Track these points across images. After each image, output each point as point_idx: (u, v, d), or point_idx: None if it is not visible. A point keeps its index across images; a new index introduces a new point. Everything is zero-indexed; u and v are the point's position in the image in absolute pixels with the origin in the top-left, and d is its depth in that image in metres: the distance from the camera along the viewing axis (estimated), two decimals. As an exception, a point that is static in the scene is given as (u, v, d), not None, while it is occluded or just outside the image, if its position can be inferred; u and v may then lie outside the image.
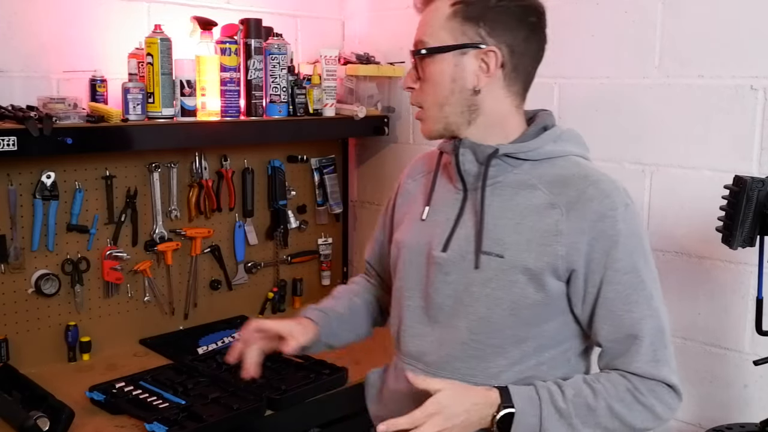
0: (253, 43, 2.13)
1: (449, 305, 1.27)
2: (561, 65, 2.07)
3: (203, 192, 2.24)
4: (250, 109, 2.16)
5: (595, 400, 1.19)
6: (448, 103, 1.25)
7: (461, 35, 1.22)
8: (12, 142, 1.62)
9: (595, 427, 1.20)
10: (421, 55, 1.25)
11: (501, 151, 1.25)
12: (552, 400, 1.18)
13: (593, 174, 1.24)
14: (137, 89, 1.90)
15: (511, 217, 1.24)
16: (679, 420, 1.93)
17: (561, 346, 1.27)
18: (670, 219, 1.90)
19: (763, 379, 1.77)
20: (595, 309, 1.22)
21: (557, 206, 1.21)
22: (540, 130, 1.29)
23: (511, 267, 1.22)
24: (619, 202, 1.21)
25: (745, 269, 1.77)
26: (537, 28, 1.27)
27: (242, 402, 1.76)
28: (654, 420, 1.22)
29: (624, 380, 1.21)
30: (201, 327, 2.28)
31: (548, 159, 1.26)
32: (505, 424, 1.17)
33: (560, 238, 1.20)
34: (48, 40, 1.92)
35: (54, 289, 1.96)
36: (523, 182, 1.25)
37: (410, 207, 1.40)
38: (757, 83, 1.72)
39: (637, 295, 1.21)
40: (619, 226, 1.20)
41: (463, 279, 1.26)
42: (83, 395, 1.75)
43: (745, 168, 1.74)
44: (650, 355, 1.21)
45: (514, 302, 1.22)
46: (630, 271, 1.20)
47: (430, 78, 1.25)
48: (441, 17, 1.23)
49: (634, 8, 1.91)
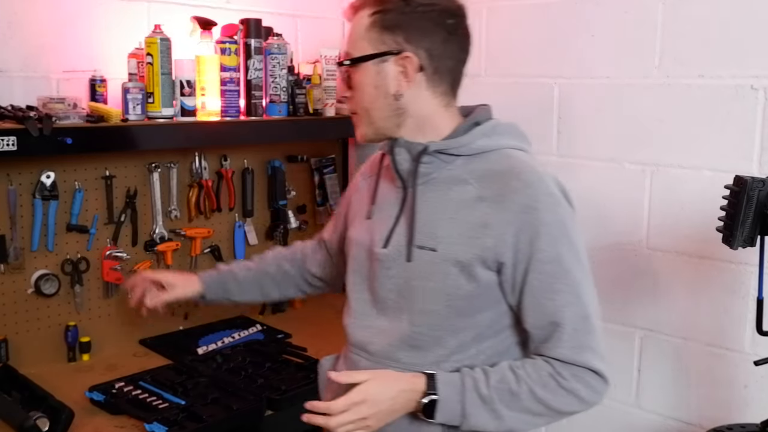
0: (253, 43, 2.13)
1: (392, 298, 1.34)
2: (561, 65, 2.07)
3: (203, 192, 2.24)
4: (250, 109, 2.15)
5: (518, 386, 1.24)
6: (375, 109, 1.32)
7: (380, 44, 1.28)
8: (12, 142, 1.62)
9: (519, 411, 1.25)
10: (345, 65, 1.33)
11: (431, 148, 1.30)
12: (476, 387, 1.24)
13: (519, 166, 1.28)
14: (137, 89, 1.90)
15: (445, 212, 1.29)
16: (679, 420, 1.93)
17: (498, 336, 1.32)
18: (670, 219, 1.90)
19: (764, 380, 1.77)
20: (522, 297, 1.27)
21: (485, 199, 1.26)
22: (471, 126, 1.33)
23: (443, 260, 1.27)
24: (542, 192, 1.25)
25: (746, 269, 1.77)
26: (455, 30, 1.31)
27: (242, 402, 1.76)
28: (580, 404, 1.26)
29: (547, 366, 1.26)
30: (201, 327, 2.28)
31: (481, 153, 1.31)
32: (430, 410, 1.24)
33: (488, 231, 1.25)
34: (48, 40, 1.91)
35: (54, 289, 1.96)
36: (456, 178, 1.30)
37: (360, 206, 1.47)
38: (757, 83, 1.72)
39: (560, 284, 1.25)
40: (542, 216, 1.24)
41: (402, 273, 1.32)
42: (83, 395, 1.75)
43: (745, 168, 1.74)
44: (573, 341, 1.25)
45: (449, 294, 1.28)
46: (553, 260, 1.24)
47: (356, 86, 1.32)
48: (362, 28, 1.30)
49: (634, 8, 1.91)
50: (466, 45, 1.34)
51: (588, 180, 2.04)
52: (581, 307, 1.26)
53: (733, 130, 1.77)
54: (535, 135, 2.13)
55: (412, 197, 1.32)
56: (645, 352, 1.99)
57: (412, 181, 1.32)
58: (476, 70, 2.27)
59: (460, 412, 1.24)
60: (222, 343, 2.16)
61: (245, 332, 2.26)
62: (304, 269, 1.69)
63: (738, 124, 1.76)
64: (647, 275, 1.96)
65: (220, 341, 2.17)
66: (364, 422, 1.24)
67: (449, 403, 1.24)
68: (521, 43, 2.16)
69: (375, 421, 1.25)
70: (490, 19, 2.23)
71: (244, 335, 2.24)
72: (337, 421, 1.23)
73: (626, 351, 2.01)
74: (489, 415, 1.24)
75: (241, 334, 2.24)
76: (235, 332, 2.24)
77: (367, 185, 1.48)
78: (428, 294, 1.30)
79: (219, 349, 2.12)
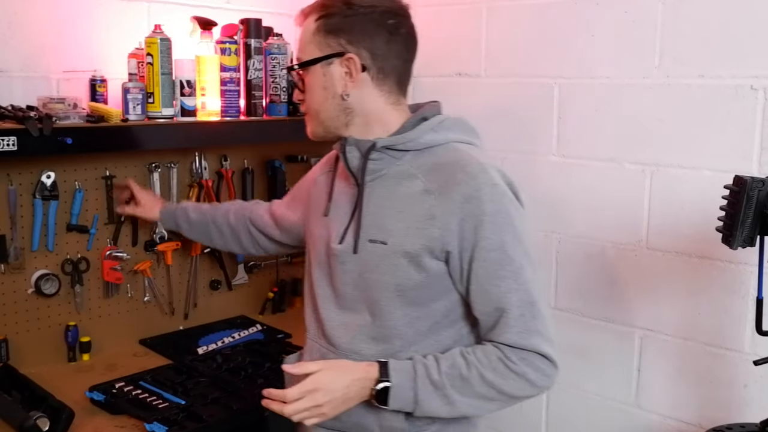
0: (253, 43, 2.13)
1: (349, 292, 1.40)
2: (561, 65, 2.07)
3: (203, 192, 2.24)
4: (250, 109, 2.15)
5: (468, 371, 1.29)
6: (323, 109, 1.39)
7: (326, 47, 1.35)
8: (12, 142, 1.62)
9: (471, 396, 1.30)
10: (294, 70, 1.40)
11: (379, 144, 1.35)
12: (427, 374, 1.29)
13: (463, 159, 1.33)
14: (137, 89, 1.90)
15: (394, 206, 1.35)
16: (679, 420, 1.93)
17: (455, 326, 1.38)
18: (670, 219, 1.90)
19: (764, 379, 1.77)
20: (469, 285, 1.32)
21: (431, 192, 1.31)
22: (418, 121, 1.38)
23: (393, 252, 1.33)
24: (484, 183, 1.29)
25: (745, 269, 1.77)
26: (397, 30, 1.36)
27: (242, 402, 1.76)
28: (530, 387, 1.31)
29: (497, 350, 1.30)
30: (201, 327, 2.28)
31: (429, 148, 1.36)
32: (383, 397, 1.30)
33: (434, 221, 1.30)
34: (48, 40, 1.91)
35: (54, 289, 1.96)
36: (405, 172, 1.35)
37: (317, 202, 1.52)
38: (757, 83, 1.72)
39: (504, 271, 1.29)
40: (485, 206, 1.28)
41: (357, 267, 1.37)
42: (83, 395, 1.75)
43: (745, 168, 1.74)
44: (520, 326, 1.29)
45: (399, 284, 1.34)
46: (497, 248, 1.29)
47: (307, 89, 1.40)
48: (309, 33, 1.37)
49: (634, 8, 1.91)
50: (410, 44, 1.40)
51: (588, 180, 2.05)
52: (526, 293, 1.30)
53: (733, 130, 1.77)
54: (535, 135, 2.16)
55: (362, 193, 1.38)
56: (645, 352, 1.99)
57: (362, 177, 1.38)
58: (476, 70, 2.27)
59: (412, 399, 1.29)
60: (222, 343, 2.17)
61: (245, 332, 2.26)
62: (248, 225, 1.83)
63: (738, 124, 1.76)
64: (647, 275, 1.96)
65: (220, 341, 2.17)
66: (318, 410, 1.30)
67: (402, 390, 1.29)
68: (521, 43, 2.16)
69: (329, 409, 1.30)
70: (490, 19, 2.23)
71: (244, 335, 2.24)
72: (292, 408, 1.29)
73: (626, 351, 2.02)
74: (441, 400, 1.29)
75: (241, 334, 2.24)
76: (235, 332, 2.25)
77: (324, 181, 1.53)
78: (381, 286, 1.35)
79: (219, 349, 2.12)
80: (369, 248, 1.35)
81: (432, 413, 1.31)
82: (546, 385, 1.33)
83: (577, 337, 2.12)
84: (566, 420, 2.18)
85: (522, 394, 1.32)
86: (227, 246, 1.91)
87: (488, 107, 2.26)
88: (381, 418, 1.35)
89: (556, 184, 2.12)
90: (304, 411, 1.30)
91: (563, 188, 2.11)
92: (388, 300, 1.35)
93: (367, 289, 1.37)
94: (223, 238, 1.89)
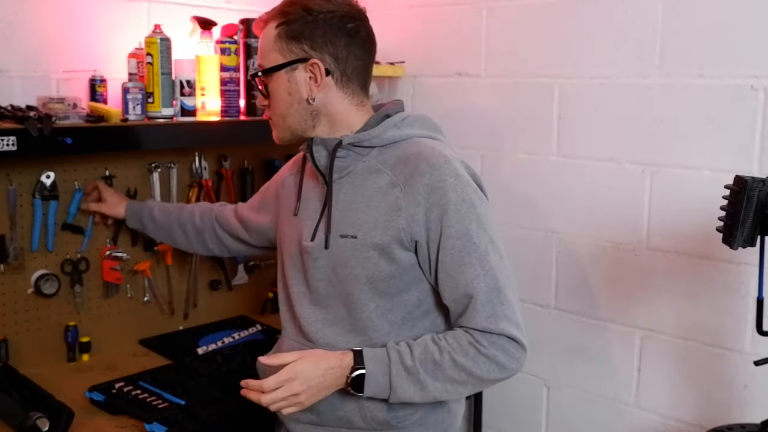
0: (253, 43, 2.13)
1: (323, 288, 1.43)
2: (561, 65, 2.07)
3: (203, 192, 2.24)
4: (250, 109, 2.15)
5: (440, 356, 1.32)
6: (289, 114, 1.42)
7: (289, 53, 1.38)
8: (12, 142, 1.61)
9: (444, 381, 1.33)
10: (258, 77, 1.42)
11: (345, 141, 1.39)
12: (401, 360, 1.33)
13: (427, 151, 1.37)
14: (137, 89, 1.90)
15: (362, 201, 1.39)
16: (680, 420, 1.93)
17: (429, 317, 1.42)
18: (670, 219, 1.90)
19: (764, 380, 1.77)
20: (437, 273, 1.36)
21: (397, 185, 1.36)
22: (382, 118, 1.43)
23: (363, 245, 1.37)
24: (447, 174, 1.33)
25: (746, 269, 1.77)
26: (357, 33, 1.40)
27: (242, 402, 1.76)
28: (500, 370, 1.34)
29: (467, 335, 1.34)
30: (201, 327, 2.28)
31: (393, 144, 1.40)
32: (358, 385, 1.33)
33: (401, 213, 1.34)
34: (48, 40, 1.91)
35: (54, 289, 1.96)
36: (371, 168, 1.40)
37: (287, 203, 1.57)
38: (757, 83, 1.72)
39: (469, 258, 1.33)
40: (449, 195, 1.32)
41: (329, 263, 1.41)
42: (83, 395, 1.75)
43: (745, 168, 1.74)
44: (488, 311, 1.33)
45: (370, 276, 1.37)
46: (462, 236, 1.33)
47: (272, 95, 1.42)
48: (270, 40, 1.40)
49: (634, 8, 1.91)
50: (369, 46, 1.44)
51: (588, 180, 2.05)
52: (492, 279, 1.34)
53: (733, 130, 1.77)
54: (535, 135, 2.16)
55: (330, 189, 1.41)
56: (645, 352, 1.99)
57: (330, 175, 1.41)
58: (476, 70, 2.27)
59: (387, 385, 1.32)
60: (222, 343, 2.16)
61: (245, 332, 2.26)
62: (214, 227, 1.84)
63: (738, 124, 1.76)
64: (647, 275, 1.96)
65: (220, 341, 2.17)
66: (295, 399, 1.33)
67: (376, 377, 1.32)
68: (521, 43, 2.16)
69: (306, 397, 1.33)
70: (490, 19, 2.23)
71: (244, 335, 2.24)
72: (269, 397, 1.32)
73: (626, 351, 2.02)
74: (414, 386, 1.33)
75: (241, 334, 2.24)
76: (235, 332, 2.24)
77: (292, 182, 1.57)
78: (353, 279, 1.38)
79: (219, 349, 2.12)
80: (340, 243, 1.39)
81: (406, 399, 1.34)
82: (515, 368, 1.36)
83: (577, 337, 2.12)
84: (566, 420, 2.18)
85: (492, 376, 1.35)
86: (192, 247, 1.91)
87: (488, 107, 2.26)
88: (364, 409, 1.39)
89: (556, 184, 2.12)
90: (281, 400, 1.33)
91: (563, 188, 2.11)
92: (360, 293, 1.39)
93: (339, 284, 1.41)
94: (187, 239, 1.89)
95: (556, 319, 2.17)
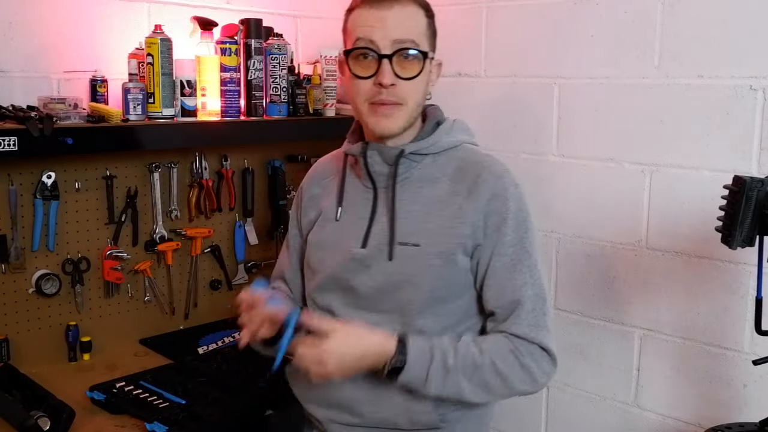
0: (253, 43, 2.14)
1: (374, 294, 1.39)
2: (561, 65, 2.07)
3: (203, 192, 2.24)
4: (250, 109, 2.16)
5: (482, 357, 1.32)
6: (421, 105, 1.40)
7: (432, 45, 1.39)
8: (13, 142, 1.62)
9: (477, 384, 1.32)
10: (412, 54, 1.33)
11: (407, 150, 1.39)
12: (443, 359, 1.31)
13: (485, 160, 1.41)
14: (137, 89, 1.91)
15: (420, 209, 1.38)
16: (678, 419, 1.93)
17: (471, 321, 1.42)
18: (669, 219, 1.90)
19: (763, 379, 1.77)
20: (485, 279, 1.37)
21: (459, 193, 1.37)
22: (435, 126, 1.44)
23: (427, 253, 1.35)
24: (509, 183, 1.38)
25: (745, 269, 1.77)
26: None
27: (242, 402, 1.77)
28: (531, 383, 1.34)
29: (507, 341, 1.34)
30: (201, 327, 2.28)
31: (445, 151, 1.41)
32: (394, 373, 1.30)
33: (464, 220, 1.35)
34: (48, 40, 1.92)
35: (54, 289, 1.96)
36: (427, 176, 1.40)
37: (319, 210, 1.51)
38: (756, 83, 1.72)
39: (521, 265, 1.35)
40: (509, 204, 1.35)
41: (383, 270, 1.38)
42: (84, 395, 1.76)
43: (744, 168, 1.74)
44: (531, 319, 1.34)
45: (432, 284, 1.36)
46: (516, 243, 1.35)
47: (420, 79, 1.35)
48: (422, 24, 1.36)
49: (634, 8, 1.91)
50: None
51: (588, 180, 2.05)
52: (539, 288, 1.36)
53: (732, 130, 1.77)
54: (535, 135, 2.16)
55: (391, 198, 1.39)
56: (644, 351, 1.99)
57: (387, 183, 1.40)
58: (476, 70, 2.27)
59: (422, 380, 1.31)
60: (222, 342, 2.17)
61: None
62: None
63: (737, 124, 1.76)
64: (647, 275, 1.96)
65: (220, 341, 2.17)
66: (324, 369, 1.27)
67: (415, 370, 1.30)
68: (521, 43, 2.17)
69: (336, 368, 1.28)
70: (490, 19, 2.23)
71: (244, 335, 2.24)
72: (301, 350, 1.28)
73: (626, 351, 2.02)
74: (449, 386, 1.31)
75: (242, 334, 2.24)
76: (235, 332, 2.24)
77: (323, 189, 1.53)
78: (414, 287, 1.36)
79: (219, 348, 2.12)
80: (398, 251, 1.37)
81: (434, 394, 1.33)
82: (544, 383, 1.36)
83: (576, 337, 2.12)
84: (566, 420, 2.19)
85: (522, 387, 1.34)
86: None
87: (488, 107, 2.27)
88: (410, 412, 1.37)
89: (556, 184, 2.12)
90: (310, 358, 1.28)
91: (563, 188, 2.11)
92: (420, 300, 1.36)
93: (395, 291, 1.38)
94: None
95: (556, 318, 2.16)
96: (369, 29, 1.31)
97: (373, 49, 1.31)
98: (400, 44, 1.31)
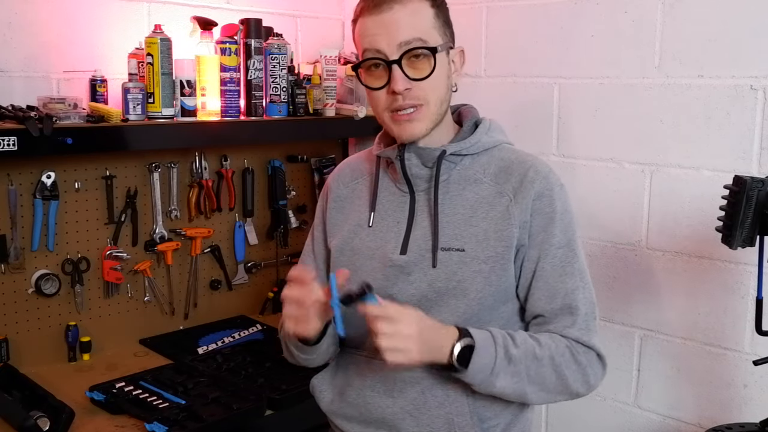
0: (253, 43, 2.13)
1: (415, 304, 1.26)
2: (561, 65, 2.07)
3: (203, 192, 2.24)
4: (250, 109, 2.15)
5: (541, 350, 1.25)
6: (445, 100, 1.32)
7: (444, 35, 1.31)
8: (12, 142, 1.62)
9: (533, 379, 1.25)
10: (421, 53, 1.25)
11: (449, 151, 1.32)
12: (505, 345, 1.23)
13: (528, 159, 1.35)
14: (137, 89, 1.90)
15: (464, 212, 1.31)
16: (679, 420, 1.93)
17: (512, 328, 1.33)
18: (669, 219, 1.90)
19: (763, 379, 1.77)
20: (533, 282, 1.30)
21: (505, 194, 1.30)
22: (473, 126, 1.38)
23: (473, 258, 1.28)
24: (554, 182, 1.32)
25: (745, 269, 1.77)
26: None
27: (242, 402, 1.76)
28: (584, 384, 1.29)
29: (563, 339, 1.28)
30: (201, 327, 2.28)
31: (484, 151, 1.35)
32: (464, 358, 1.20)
33: (512, 221, 1.28)
34: (48, 40, 1.92)
35: (54, 289, 1.96)
36: (468, 177, 1.33)
37: (349, 213, 1.42)
38: (756, 83, 1.72)
39: (571, 267, 1.29)
40: (555, 204, 1.30)
41: (425, 277, 1.30)
42: (83, 395, 1.76)
43: (744, 168, 1.74)
44: (583, 324, 1.28)
45: (480, 290, 1.28)
46: (564, 245, 1.30)
47: (435, 75, 1.27)
48: (429, 18, 1.29)
49: (634, 8, 1.91)
50: None
51: (588, 180, 2.05)
52: (590, 292, 1.31)
53: (732, 130, 1.77)
54: (535, 135, 2.16)
55: (432, 201, 1.31)
56: (645, 351, 1.99)
57: (424, 186, 1.33)
58: (476, 70, 2.27)
59: (490, 368, 1.21)
60: (222, 343, 2.17)
61: (245, 332, 2.26)
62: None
63: (737, 124, 1.76)
64: (647, 275, 1.96)
65: (220, 341, 2.17)
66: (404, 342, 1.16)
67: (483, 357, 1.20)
68: (521, 43, 2.16)
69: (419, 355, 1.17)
70: (490, 19, 2.23)
71: (244, 335, 2.24)
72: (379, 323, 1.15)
73: (626, 351, 2.02)
74: (511, 377, 1.23)
75: (241, 334, 2.24)
76: (235, 332, 2.25)
77: (351, 192, 1.44)
78: (459, 294, 1.28)
79: (219, 348, 2.12)
80: (442, 257, 1.29)
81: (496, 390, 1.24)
82: (594, 386, 1.31)
83: (576, 336, 2.12)
84: (566, 420, 2.18)
85: (575, 387, 1.28)
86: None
87: (488, 107, 2.25)
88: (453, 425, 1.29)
89: (555, 184, 2.12)
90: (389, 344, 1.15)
91: (563, 188, 2.11)
92: (466, 307, 1.28)
93: (439, 298, 1.29)
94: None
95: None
96: (373, 38, 1.26)
97: (381, 58, 1.26)
98: (406, 46, 1.25)
